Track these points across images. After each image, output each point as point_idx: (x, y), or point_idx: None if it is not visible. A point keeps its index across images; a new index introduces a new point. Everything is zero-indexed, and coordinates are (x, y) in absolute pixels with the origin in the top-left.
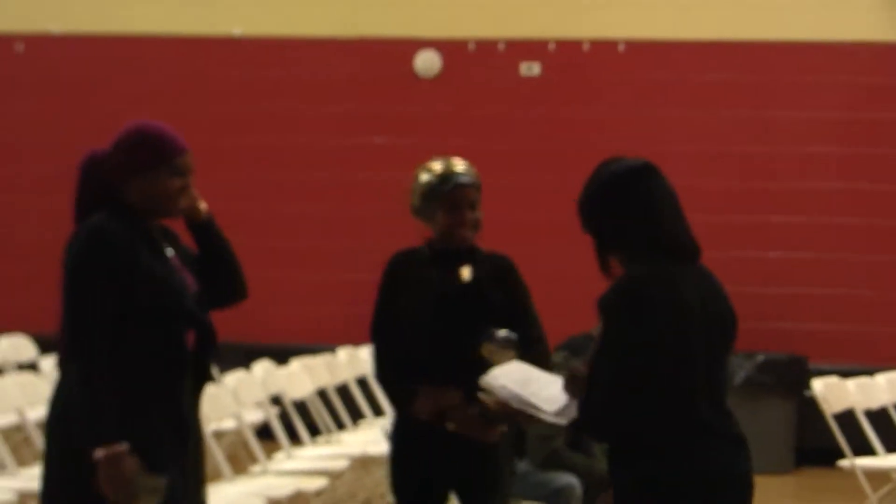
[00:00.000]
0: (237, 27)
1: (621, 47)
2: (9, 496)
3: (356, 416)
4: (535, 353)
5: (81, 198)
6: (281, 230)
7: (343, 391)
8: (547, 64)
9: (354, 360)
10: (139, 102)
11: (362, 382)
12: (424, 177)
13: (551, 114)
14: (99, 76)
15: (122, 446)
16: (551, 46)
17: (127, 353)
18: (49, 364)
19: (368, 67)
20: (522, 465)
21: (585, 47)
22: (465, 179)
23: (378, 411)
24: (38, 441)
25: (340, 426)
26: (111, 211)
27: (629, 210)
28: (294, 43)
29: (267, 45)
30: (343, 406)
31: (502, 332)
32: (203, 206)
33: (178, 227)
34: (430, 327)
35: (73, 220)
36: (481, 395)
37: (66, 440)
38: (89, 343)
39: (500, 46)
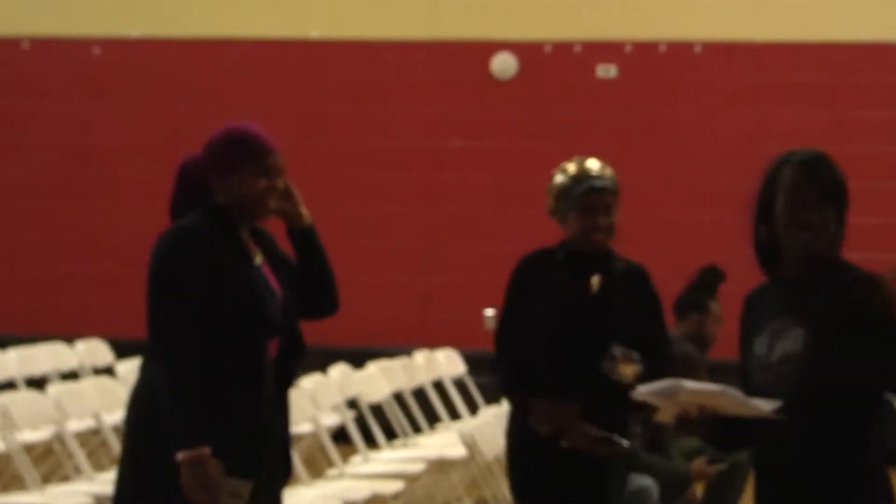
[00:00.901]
0: (314, 30)
1: (698, 49)
2: (86, 500)
3: (432, 419)
4: (658, 370)
5: (176, 200)
6: (358, 232)
7: (419, 394)
8: (623, 66)
9: (431, 363)
10: (217, 106)
11: (438, 385)
12: (559, 178)
13: (628, 115)
14: (176, 80)
15: (206, 449)
16: (627, 48)
17: (207, 357)
18: (126, 368)
19: (445, 69)
20: None
21: (662, 49)
22: (599, 183)
23: (455, 414)
24: (115, 446)
25: (417, 429)
26: (202, 213)
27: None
28: (370, 45)
29: (343, 48)
30: (419, 409)
31: (621, 350)
32: (305, 213)
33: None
34: (552, 337)
35: (170, 222)
36: (661, 410)
37: (148, 441)
38: (173, 345)
39: (577, 48)
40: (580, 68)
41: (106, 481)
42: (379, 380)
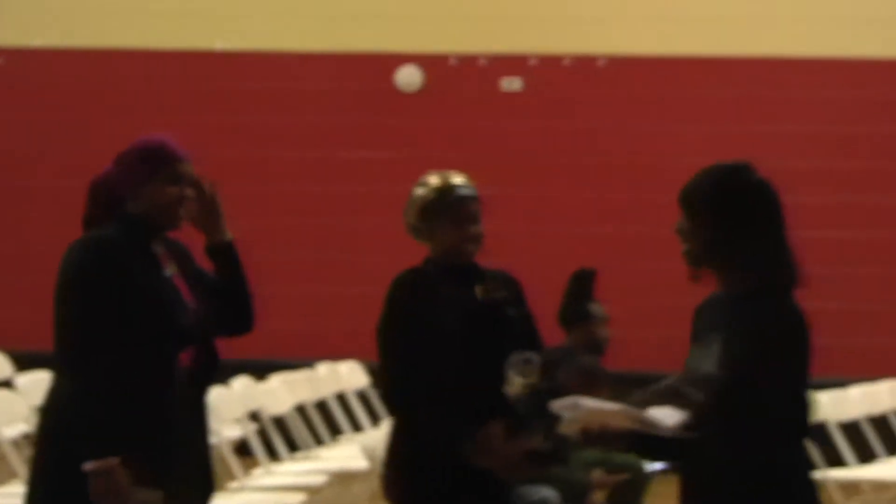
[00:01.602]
0: (220, 41)
1: (601, 62)
2: None
3: (335, 431)
4: (553, 376)
5: (89, 216)
6: (260, 244)
7: (322, 407)
8: (528, 79)
9: (334, 376)
10: (122, 117)
11: (341, 398)
12: (421, 192)
13: (532, 128)
14: (81, 91)
15: (115, 459)
16: (532, 61)
17: (117, 367)
18: (25, 381)
19: (351, 82)
20: None
21: (566, 62)
22: (465, 192)
23: (357, 427)
24: (14, 460)
25: (319, 442)
26: (115, 224)
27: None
28: (275, 57)
29: (249, 59)
30: (322, 422)
31: (532, 356)
32: (225, 229)
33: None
34: (456, 353)
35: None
36: (565, 423)
37: (59, 452)
38: (84, 354)
39: (482, 61)
40: (485, 81)
41: (4, 494)
42: (281, 392)
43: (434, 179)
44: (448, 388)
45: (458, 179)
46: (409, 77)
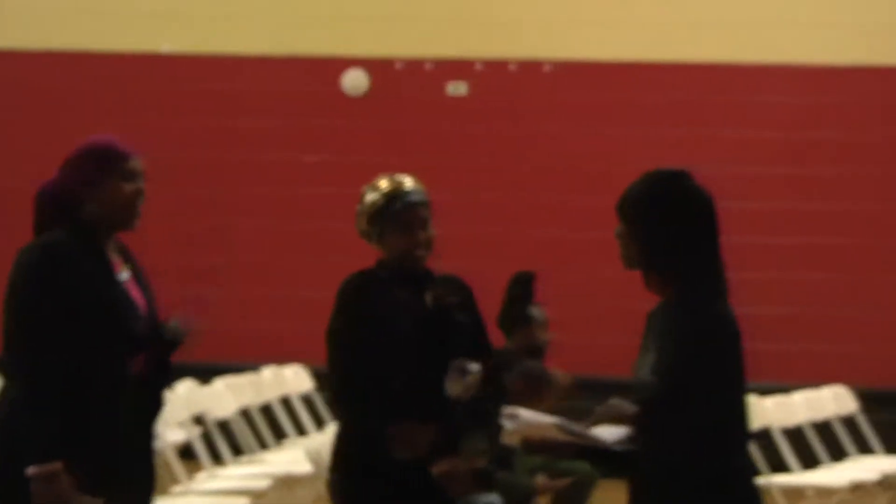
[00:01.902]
0: (166, 44)
1: (547, 68)
2: None
3: (279, 435)
4: (499, 383)
5: (39, 227)
6: (208, 246)
7: (267, 411)
8: (474, 84)
9: (279, 379)
10: (70, 120)
11: (286, 402)
12: (370, 196)
13: (477, 133)
14: (25, 92)
15: (58, 464)
16: (478, 66)
17: (69, 373)
18: None
19: (297, 85)
20: None
21: (512, 68)
22: (414, 197)
23: (302, 430)
24: None
25: (263, 446)
26: (66, 229)
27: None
28: (223, 60)
29: (195, 62)
30: (266, 425)
31: (471, 365)
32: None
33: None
34: (402, 355)
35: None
36: (506, 433)
37: (4, 457)
38: (34, 361)
39: (428, 66)
40: (430, 86)
41: None
42: (226, 396)
43: (384, 184)
44: (392, 392)
45: (408, 184)
46: (355, 81)
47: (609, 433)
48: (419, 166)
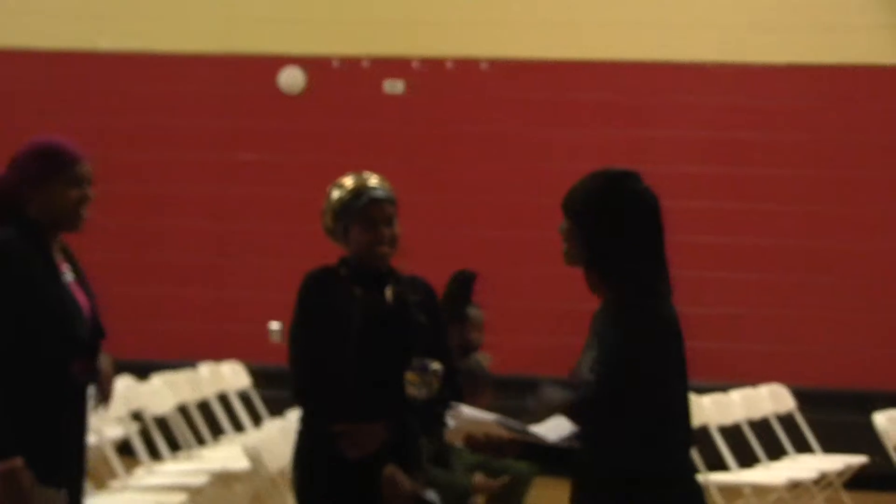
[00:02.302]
0: (104, 41)
1: (484, 66)
2: None
3: (217, 431)
4: (455, 385)
5: None
6: (145, 244)
7: (204, 407)
8: (411, 82)
9: (216, 376)
10: (7, 117)
11: (223, 398)
12: (336, 193)
13: (415, 131)
14: None
15: (17, 461)
16: (415, 64)
17: (16, 371)
18: None
19: (233, 83)
20: None
21: (449, 66)
22: (379, 194)
23: (239, 427)
24: None
25: (201, 442)
26: (13, 227)
27: (647, 241)
28: (159, 58)
29: (132, 60)
30: (204, 422)
31: (432, 364)
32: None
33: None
34: (355, 352)
35: None
36: (449, 432)
37: None
38: None
39: (365, 64)
40: (367, 84)
41: None
42: (163, 392)
43: (349, 181)
44: (345, 388)
45: (373, 181)
46: (291, 79)
47: (550, 429)
48: (357, 164)
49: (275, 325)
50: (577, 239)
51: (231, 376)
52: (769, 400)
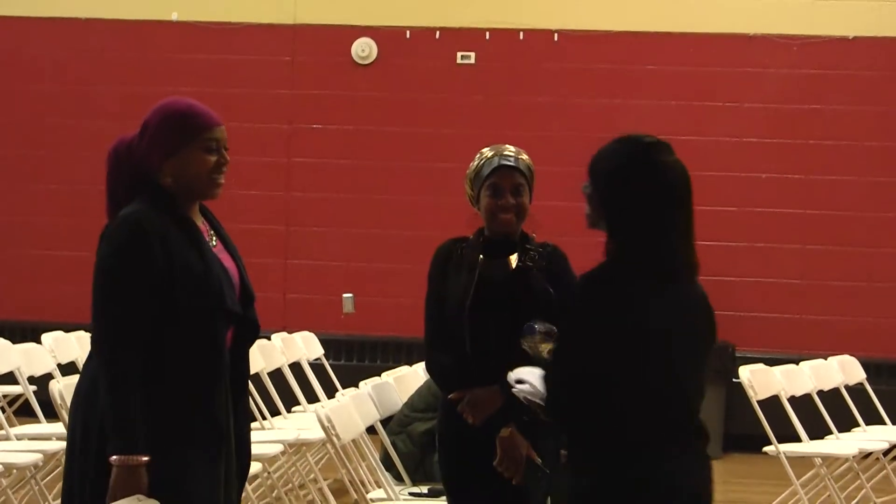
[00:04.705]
0: (175, 12)
1: (555, 37)
2: None
3: (290, 401)
4: None
5: (113, 187)
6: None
7: (277, 376)
8: (482, 52)
9: (289, 346)
10: (66, 86)
11: (296, 368)
12: (474, 163)
13: (486, 101)
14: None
15: (142, 459)
16: (487, 35)
17: (162, 357)
18: None
19: (308, 53)
20: None
21: (520, 37)
22: (507, 161)
23: (312, 396)
24: None
25: (274, 412)
26: (148, 199)
27: (662, 215)
28: (235, 28)
29: (206, 30)
30: (277, 391)
31: (541, 325)
32: None
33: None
34: (470, 317)
35: (107, 212)
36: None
37: (93, 435)
38: (119, 345)
39: (437, 35)
40: (440, 54)
41: None
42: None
43: (485, 150)
44: (461, 355)
45: (507, 151)
46: (365, 49)
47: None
48: (428, 136)
49: (347, 296)
50: (591, 201)
51: (304, 346)
52: (840, 371)
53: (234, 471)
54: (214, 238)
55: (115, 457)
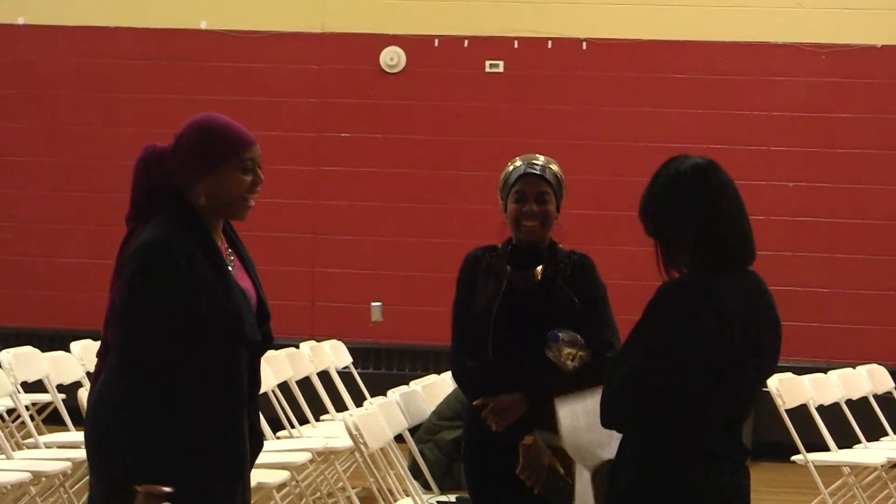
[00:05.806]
0: (204, 21)
1: (584, 45)
2: None
3: (318, 410)
4: (600, 357)
5: (138, 197)
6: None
7: (306, 385)
8: (510, 61)
9: (317, 354)
10: (90, 97)
11: (324, 376)
12: (504, 172)
13: (514, 110)
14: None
15: (165, 489)
16: (515, 43)
17: (183, 384)
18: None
19: (337, 61)
20: None
21: (548, 45)
22: (532, 170)
23: (340, 405)
24: None
25: (303, 420)
26: (174, 217)
27: (688, 210)
28: (262, 37)
29: (235, 39)
30: (305, 400)
31: (565, 333)
32: None
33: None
34: (494, 326)
35: (127, 220)
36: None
37: (105, 466)
38: (141, 370)
39: (465, 43)
40: (468, 62)
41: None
42: (264, 371)
43: (517, 160)
44: (485, 363)
45: (536, 160)
46: (393, 58)
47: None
48: (455, 144)
49: (375, 304)
50: (644, 214)
51: (332, 354)
52: (868, 380)
53: (249, 499)
54: (233, 256)
55: (143, 486)
